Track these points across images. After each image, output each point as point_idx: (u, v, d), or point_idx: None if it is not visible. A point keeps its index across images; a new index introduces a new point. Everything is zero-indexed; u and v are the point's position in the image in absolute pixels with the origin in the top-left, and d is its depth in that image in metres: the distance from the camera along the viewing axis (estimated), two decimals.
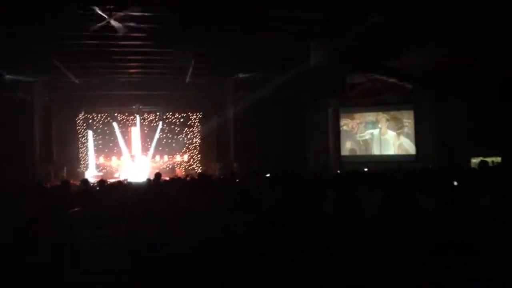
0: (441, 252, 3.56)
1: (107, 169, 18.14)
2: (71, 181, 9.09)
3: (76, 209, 4.76)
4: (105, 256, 4.01)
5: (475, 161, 11.42)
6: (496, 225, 3.88)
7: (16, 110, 14.49)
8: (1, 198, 5.87)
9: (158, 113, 18.46)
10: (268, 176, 8.61)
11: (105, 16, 8.60)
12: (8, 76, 12.87)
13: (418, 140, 15.02)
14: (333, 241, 3.96)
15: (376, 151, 15.93)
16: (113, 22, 8.81)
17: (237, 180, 7.58)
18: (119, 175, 16.98)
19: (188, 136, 18.84)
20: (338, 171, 11.19)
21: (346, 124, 16.44)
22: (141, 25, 9.46)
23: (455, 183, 5.71)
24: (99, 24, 8.91)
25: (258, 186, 6.29)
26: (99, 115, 18.22)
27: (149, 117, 18.59)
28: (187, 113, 18.77)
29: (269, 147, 15.43)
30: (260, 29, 8.89)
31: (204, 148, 18.69)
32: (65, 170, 16.07)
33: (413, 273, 3.38)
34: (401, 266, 3.48)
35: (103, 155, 18.32)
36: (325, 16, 9.22)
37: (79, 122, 18.06)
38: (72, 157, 17.49)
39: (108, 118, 18.18)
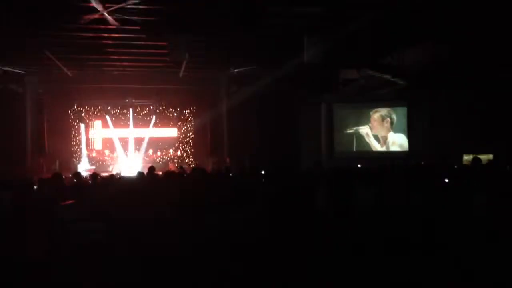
0: (428, 250, 3.58)
1: (100, 162, 18.04)
2: (64, 174, 9.01)
3: (68, 202, 4.72)
4: (97, 250, 3.99)
5: (467, 158, 11.49)
6: (488, 222, 3.91)
7: (8, 102, 14.34)
8: None
9: (151, 107, 18.35)
10: (262, 172, 8.60)
11: (99, 8, 8.52)
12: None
13: (411, 137, 15.09)
14: (325, 237, 3.97)
15: (369, 147, 15.98)
16: (107, 15, 8.73)
17: (231, 175, 7.57)
18: (112, 169, 16.89)
19: (182, 131, 18.77)
20: (331, 167, 11.16)
21: (339, 120, 16.44)
22: (135, 18, 9.38)
23: (446, 181, 5.74)
24: (93, 17, 8.85)
25: (252, 182, 6.28)
26: (92, 108, 18.09)
27: (143, 111, 18.48)
28: (180, 108, 18.68)
29: (262, 143, 15.40)
30: (257, 24, 8.85)
31: (197, 143, 18.64)
32: (57, 163, 15.96)
33: (403, 269, 3.40)
34: (390, 262, 3.50)
35: (95, 149, 18.20)
36: (320, 12, 9.21)
37: (72, 115, 17.92)
38: (65, 150, 17.34)
39: (101, 112, 18.06)
